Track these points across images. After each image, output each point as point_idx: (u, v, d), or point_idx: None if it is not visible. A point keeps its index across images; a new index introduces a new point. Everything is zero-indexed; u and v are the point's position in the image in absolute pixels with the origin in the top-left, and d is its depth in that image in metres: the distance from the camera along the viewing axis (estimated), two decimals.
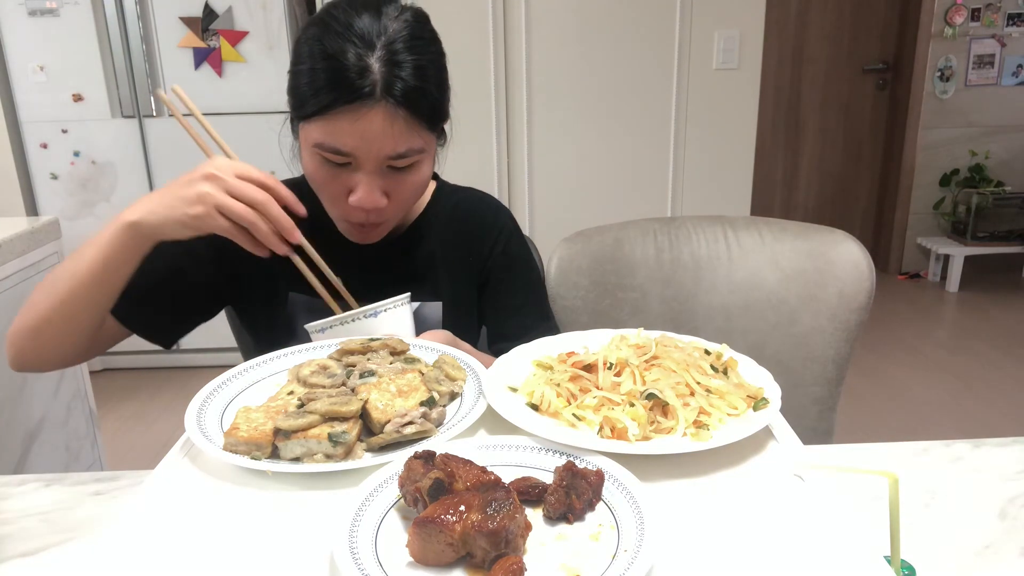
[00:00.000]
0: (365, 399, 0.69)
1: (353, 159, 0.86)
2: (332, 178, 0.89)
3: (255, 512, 0.59)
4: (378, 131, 0.84)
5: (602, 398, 0.70)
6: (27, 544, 0.80)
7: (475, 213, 1.10)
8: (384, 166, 0.88)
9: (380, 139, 0.84)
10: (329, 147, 0.85)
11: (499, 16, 2.98)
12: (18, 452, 1.70)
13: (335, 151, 0.85)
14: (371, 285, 1.02)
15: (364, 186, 0.87)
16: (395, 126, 0.84)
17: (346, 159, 0.86)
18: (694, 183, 3.23)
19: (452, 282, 1.07)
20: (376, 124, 0.83)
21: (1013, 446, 0.95)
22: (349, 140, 0.84)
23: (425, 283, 1.05)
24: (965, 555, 0.76)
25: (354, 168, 0.87)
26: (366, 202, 0.88)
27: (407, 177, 0.90)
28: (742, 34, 3.06)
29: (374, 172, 0.87)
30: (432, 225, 1.07)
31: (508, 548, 0.51)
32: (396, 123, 0.84)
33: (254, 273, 1.02)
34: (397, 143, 0.85)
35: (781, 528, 0.55)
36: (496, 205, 1.13)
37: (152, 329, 1.00)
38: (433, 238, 1.07)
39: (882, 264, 4.50)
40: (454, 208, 1.10)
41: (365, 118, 0.83)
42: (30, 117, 3.03)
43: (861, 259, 1.22)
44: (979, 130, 4.23)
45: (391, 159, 0.87)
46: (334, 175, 0.88)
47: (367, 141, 0.84)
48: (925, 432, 2.62)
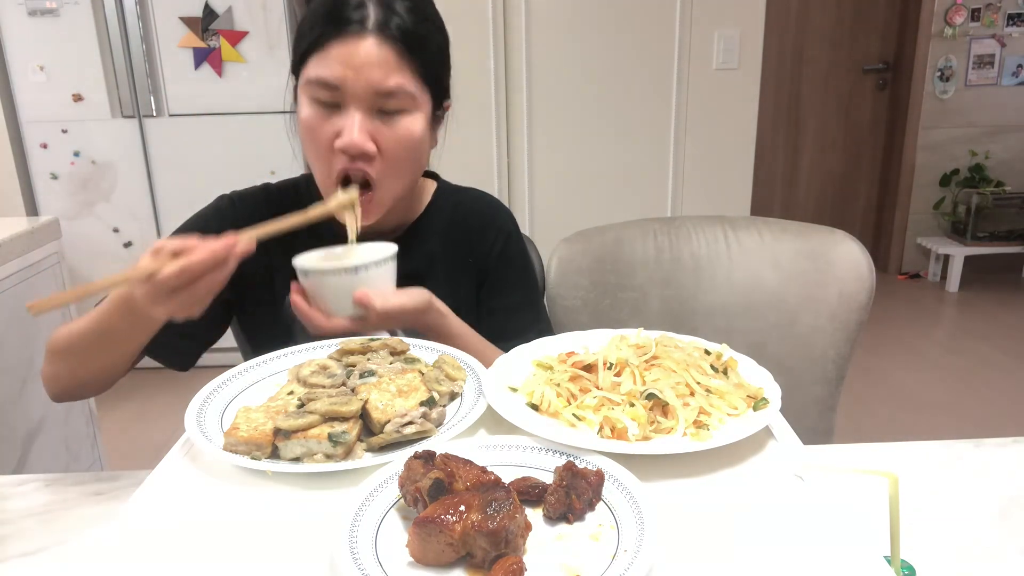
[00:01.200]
0: (365, 399, 0.69)
1: (342, 94, 0.85)
2: (321, 122, 0.87)
3: (255, 512, 0.59)
4: (366, 60, 0.84)
5: (602, 398, 0.70)
6: (27, 544, 0.80)
7: (475, 213, 1.09)
8: (373, 108, 0.87)
9: (368, 68, 0.84)
10: (319, 80, 0.85)
11: (499, 16, 2.98)
12: (18, 452, 1.70)
13: (324, 83, 0.85)
14: None
15: (352, 126, 0.86)
16: (385, 58, 0.85)
17: (334, 95, 0.86)
18: (694, 183, 3.23)
19: (452, 283, 1.06)
20: (365, 53, 0.84)
21: (1013, 446, 0.95)
22: (338, 68, 0.84)
23: (425, 284, 1.04)
24: (965, 555, 0.76)
25: (343, 110, 0.87)
26: (351, 143, 0.86)
27: (396, 126, 0.88)
28: (742, 34, 3.06)
29: (362, 111, 0.86)
30: (433, 225, 1.07)
31: (508, 548, 0.51)
32: (386, 56, 0.85)
33: (252, 275, 1.01)
34: (386, 76, 0.85)
35: (781, 528, 0.55)
36: (496, 205, 1.12)
37: (169, 352, 0.99)
38: (434, 238, 1.06)
39: (882, 264, 4.49)
40: (455, 208, 1.09)
41: (355, 47, 0.84)
42: (30, 117, 3.03)
43: (861, 259, 1.22)
44: (979, 130, 4.23)
45: (380, 95, 0.86)
46: (324, 118, 0.87)
47: (355, 69, 0.84)
48: (925, 432, 2.62)
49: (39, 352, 1.80)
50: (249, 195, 1.05)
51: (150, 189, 3.14)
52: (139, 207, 3.16)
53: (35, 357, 1.79)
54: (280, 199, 1.05)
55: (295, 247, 0.96)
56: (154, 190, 3.15)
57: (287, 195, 1.05)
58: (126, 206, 3.15)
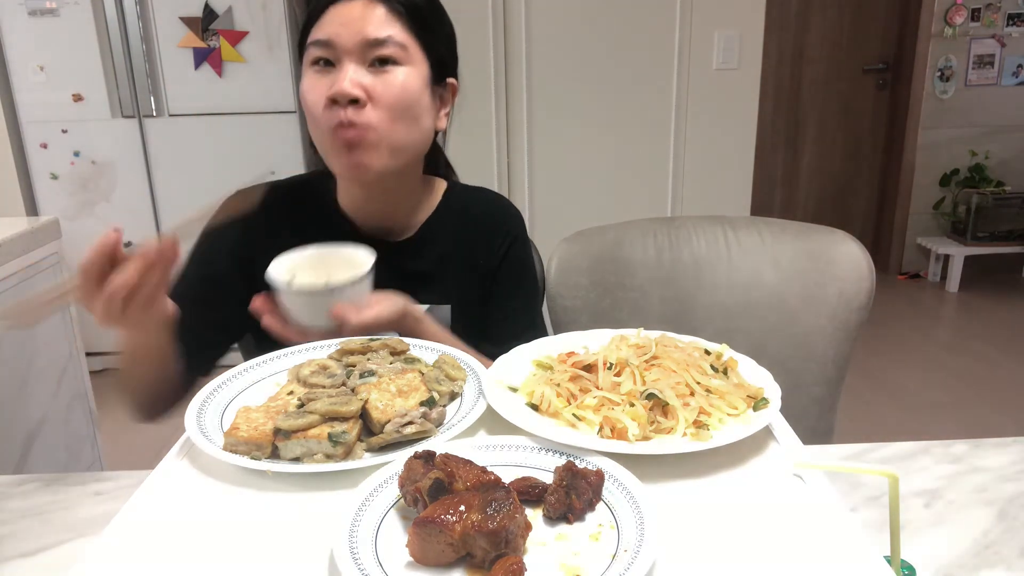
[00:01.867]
0: (365, 399, 0.69)
1: (334, 51, 0.90)
2: (317, 82, 0.91)
3: (255, 512, 0.59)
4: (357, 16, 0.90)
5: (602, 398, 0.70)
6: (27, 544, 0.80)
7: (486, 215, 1.09)
8: (366, 60, 0.90)
9: (358, 22, 0.90)
10: (314, 41, 0.91)
11: (499, 16, 2.98)
12: (18, 452, 1.70)
13: (319, 43, 0.91)
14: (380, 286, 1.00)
15: (341, 75, 0.89)
16: (376, 13, 0.91)
17: (329, 51, 0.90)
18: (694, 183, 3.23)
19: (462, 284, 1.06)
20: (357, 10, 0.90)
21: (1013, 446, 0.95)
22: (330, 27, 0.90)
23: (435, 285, 1.04)
24: (965, 555, 0.76)
25: (337, 66, 0.91)
26: (340, 90, 0.88)
27: (387, 76, 0.91)
28: (742, 34, 3.07)
29: (354, 63, 0.90)
30: (444, 226, 1.06)
31: (508, 548, 0.51)
32: (377, 11, 0.91)
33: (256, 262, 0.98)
34: (377, 27, 0.90)
35: (781, 528, 0.55)
36: (506, 207, 1.12)
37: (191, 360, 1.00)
38: (445, 239, 1.06)
39: (882, 264, 4.49)
40: (466, 209, 1.09)
41: (348, 7, 0.91)
42: (30, 117, 3.03)
43: (861, 259, 1.22)
44: (979, 130, 4.23)
45: (370, 45, 0.90)
46: (319, 78, 0.91)
47: (346, 25, 0.90)
48: (925, 432, 2.62)
49: (39, 352, 1.80)
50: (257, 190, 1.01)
51: (150, 189, 3.14)
52: (139, 207, 3.16)
53: (35, 357, 1.79)
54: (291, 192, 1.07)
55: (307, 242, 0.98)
56: (154, 190, 3.15)
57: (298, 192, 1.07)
58: (126, 206, 3.15)
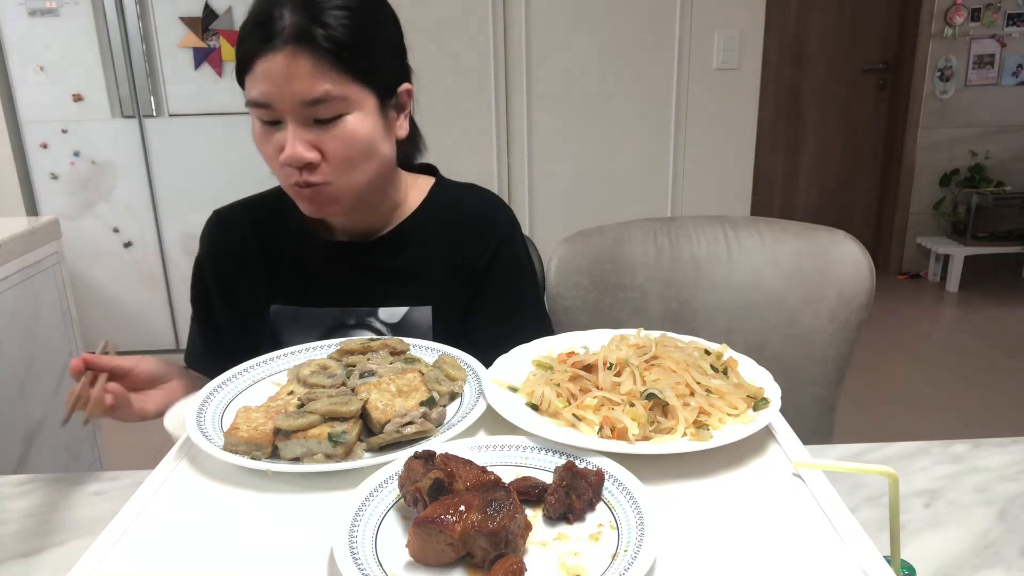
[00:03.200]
0: (365, 399, 0.69)
1: (273, 110, 0.86)
2: (267, 139, 0.89)
3: (255, 512, 0.59)
4: (286, 73, 0.84)
5: (602, 398, 0.70)
6: (27, 544, 0.80)
7: (473, 212, 1.05)
8: (309, 118, 0.86)
9: (288, 81, 0.84)
10: (252, 100, 0.87)
11: (499, 16, 2.98)
12: (18, 452, 1.70)
13: (255, 103, 0.87)
14: (358, 286, 1.01)
15: (289, 139, 0.86)
16: (301, 68, 0.84)
17: (270, 113, 0.86)
18: (694, 183, 3.23)
19: (444, 285, 1.02)
20: (281, 66, 0.84)
21: (1013, 446, 0.95)
22: (262, 86, 0.85)
23: (415, 285, 1.02)
24: (965, 555, 0.76)
25: (282, 125, 0.87)
26: (290, 156, 0.86)
27: (335, 131, 0.88)
28: (742, 34, 3.07)
29: (298, 124, 0.86)
30: (426, 223, 1.03)
31: (508, 548, 0.51)
32: (305, 66, 0.84)
33: (235, 289, 1.04)
34: (309, 86, 0.84)
35: (781, 528, 0.55)
36: (495, 203, 1.08)
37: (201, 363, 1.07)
38: (427, 237, 1.03)
39: (882, 264, 4.49)
40: (452, 207, 1.05)
41: (273, 62, 0.84)
42: (30, 117, 3.03)
43: (861, 259, 1.22)
44: (979, 130, 4.23)
45: (308, 105, 0.85)
46: (268, 135, 0.89)
47: (277, 85, 0.84)
48: (925, 432, 2.62)
49: (39, 352, 1.80)
50: (229, 213, 1.07)
51: (150, 189, 3.14)
52: (139, 207, 3.16)
53: (35, 357, 1.78)
54: (264, 208, 1.06)
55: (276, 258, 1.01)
56: (154, 190, 3.15)
57: (269, 204, 1.06)
58: (126, 206, 3.15)
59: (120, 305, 3.21)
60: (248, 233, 1.05)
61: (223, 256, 1.05)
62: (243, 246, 1.04)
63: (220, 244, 1.05)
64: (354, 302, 1.01)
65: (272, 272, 1.03)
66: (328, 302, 1.01)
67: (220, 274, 1.05)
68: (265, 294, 1.02)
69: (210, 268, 1.05)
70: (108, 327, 3.11)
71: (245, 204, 1.08)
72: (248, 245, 1.04)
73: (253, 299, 1.03)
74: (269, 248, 1.04)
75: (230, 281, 1.04)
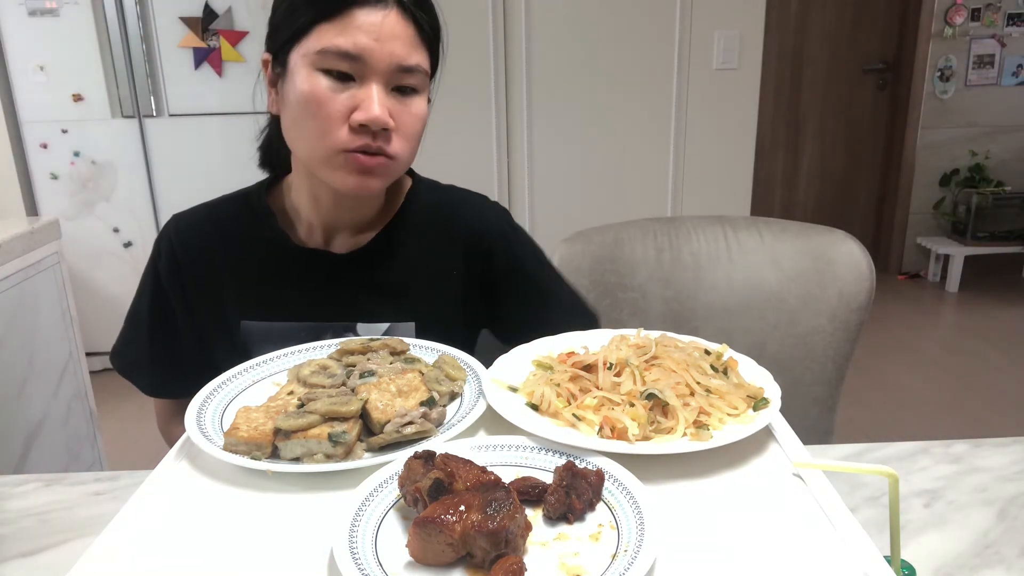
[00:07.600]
0: (365, 399, 0.69)
1: (361, 66, 0.81)
2: (333, 96, 0.81)
3: (255, 512, 0.59)
4: (392, 33, 0.81)
5: (602, 398, 0.70)
6: (27, 544, 0.80)
7: (458, 217, 1.00)
8: (391, 84, 0.83)
9: (393, 42, 0.81)
10: (338, 50, 0.80)
11: (499, 16, 2.98)
12: (18, 452, 1.70)
13: (345, 54, 0.80)
14: (341, 302, 0.95)
15: (375, 100, 0.81)
16: (408, 34, 0.82)
17: (354, 66, 0.81)
18: (694, 183, 3.23)
19: (431, 298, 0.97)
20: (391, 26, 0.81)
21: (1013, 446, 0.95)
22: (363, 38, 0.80)
23: (398, 300, 0.96)
24: (965, 555, 0.76)
25: (359, 82, 0.82)
26: (376, 117, 0.81)
27: (410, 106, 0.85)
28: (742, 34, 3.07)
29: (381, 85, 0.82)
30: (408, 229, 0.98)
31: (508, 548, 0.51)
32: (409, 32, 0.82)
33: (195, 300, 0.98)
34: (407, 51, 0.82)
35: (781, 528, 0.55)
36: (481, 205, 1.03)
37: (139, 374, 1.06)
38: (411, 244, 0.97)
39: (882, 264, 4.50)
40: (435, 210, 1.00)
41: (378, 16, 0.80)
42: (30, 117, 3.03)
43: (861, 259, 1.22)
44: (979, 130, 4.23)
45: (400, 71, 0.82)
46: (336, 91, 0.81)
47: (381, 41, 0.80)
48: (925, 432, 2.62)
49: (39, 352, 1.80)
50: (190, 218, 1.01)
51: (150, 189, 3.15)
52: (139, 207, 3.16)
53: (35, 357, 1.79)
54: (226, 215, 1.00)
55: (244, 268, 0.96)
56: (154, 190, 3.15)
57: (234, 208, 1.00)
58: (126, 206, 3.15)
59: (120, 305, 3.19)
60: (213, 240, 0.98)
61: (183, 264, 0.98)
62: (207, 255, 0.97)
63: (179, 251, 0.98)
64: (331, 316, 0.95)
65: (240, 284, 0.96)
66: (302, 316, 0.95)
67: (179, 284, 0.98)
68: (233, 307, 0.96)
69: (168, 275, 0.98)
70: (108, 327, 3.11)
71: (208, 208, 1.01)
72: (212, 253, 0.97)
73: (218, 311, 0.97)
74: (237, 257, 0.97)
75: (190, 292, 0.98)
